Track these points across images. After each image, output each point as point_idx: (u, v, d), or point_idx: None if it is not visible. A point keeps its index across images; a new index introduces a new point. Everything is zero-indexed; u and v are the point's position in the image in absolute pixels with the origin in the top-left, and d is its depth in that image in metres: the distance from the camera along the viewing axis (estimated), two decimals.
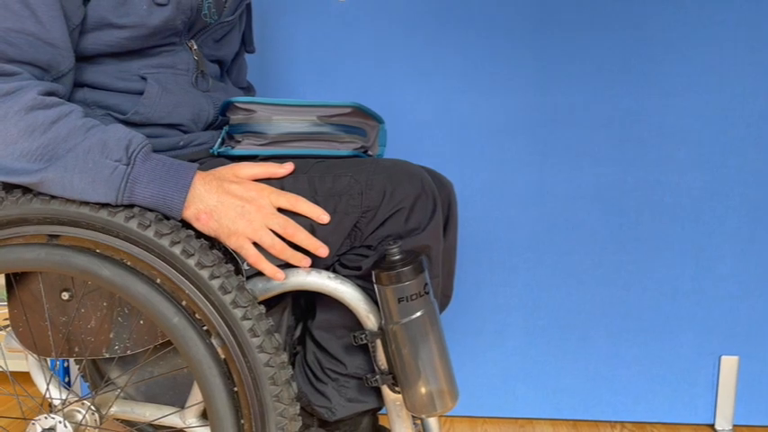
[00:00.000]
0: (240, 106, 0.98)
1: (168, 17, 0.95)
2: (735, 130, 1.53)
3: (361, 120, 1.00)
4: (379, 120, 1.03)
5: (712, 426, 1.61)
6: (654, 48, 1.52)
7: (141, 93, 0.96)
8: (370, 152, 1.00)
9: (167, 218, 0.85)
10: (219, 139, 1.00)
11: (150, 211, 0.85)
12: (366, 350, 0.96)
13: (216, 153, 0.99)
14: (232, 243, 0.86)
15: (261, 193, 0.87)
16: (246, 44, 1.25)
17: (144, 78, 0.97)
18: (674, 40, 1.51)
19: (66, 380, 1.60)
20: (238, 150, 0.98)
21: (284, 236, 0.87)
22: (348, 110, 0.98)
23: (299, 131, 0.97)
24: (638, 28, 1.51)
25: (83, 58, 0.93)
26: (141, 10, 0.92)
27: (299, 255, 0.88)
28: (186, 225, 0.87)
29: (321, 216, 0.88)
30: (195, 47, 1.02)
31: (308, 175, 0.91)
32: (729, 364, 1.59)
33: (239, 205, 0.85)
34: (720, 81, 1.51)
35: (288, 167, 0.91)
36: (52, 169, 0.82)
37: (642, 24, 1.51)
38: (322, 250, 0.88)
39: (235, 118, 0.99)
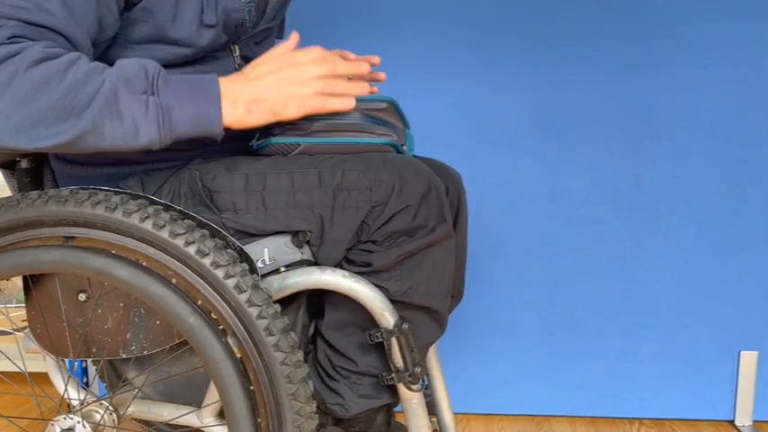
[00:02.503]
0: None
1: (215, 37, 0.95)
2: (751, 122, 1.52)
3: (392, 119, 1.00)
4: (406, 124, 1.02)
5: (732, 422, 1.60)
6: (667, 41, 1.51)
7: None
8: (404, 147, 1.00)
9: (184, 216, 0.85)
10: (257, 134, 0.98)
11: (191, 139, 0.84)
12: (377, 347, 0.96)
13: (255, 148, 0.97)
14: (291, 111, 0.87)
15: (284, 58, 0.87)
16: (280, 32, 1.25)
17: None
18: (687, 34, 1.50)
19: (84, 380, 1.61)
20: (279, 139, 0.95)
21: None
22: (383, 105, 0.98)
23: (339, 122, 0.96)
24: (651, 21, 1.50)
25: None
26: (191, 30, 0.92)
27: (353, 84, 0.89)
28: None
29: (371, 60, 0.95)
30: (237, 51, 1.02)
31: (318, 170, 0.90)
32: (749, 359, 1.58)
33: (275, 77, 0.86)
34: (736, 74, 1.50)
35: (294, 38, 0.92)
36: (83, 122, 0.78)
37: (655, 18, 1.50)
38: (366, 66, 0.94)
39: None
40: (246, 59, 1.05)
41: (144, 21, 0.90)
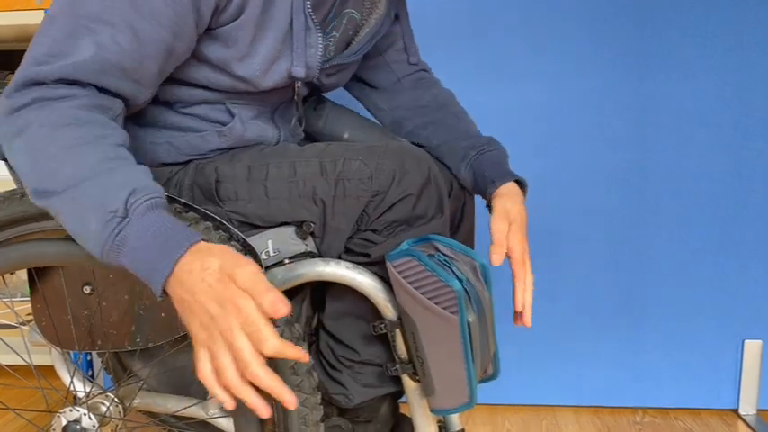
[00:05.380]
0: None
1: (281, 82, 0.94)
2: (755, 111, 1.51)
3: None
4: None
5: (736, 410, 1.60)
6: (672, 30, 1.50)
7: (224, 123, 0.96)
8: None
9: (188, 209, 0.85)
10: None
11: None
12: (378, 337, 0.96)
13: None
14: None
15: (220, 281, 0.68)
16: (409, 56, 1.23)
17: (231, 114, 0.96)
18: (691, 22, 1.49)
19: (90, 373, 1.62)
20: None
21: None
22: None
23: None
24: (655, 11, 1.49)
25: (176, 80, 0.90)
26: (255, 74, 0.90)
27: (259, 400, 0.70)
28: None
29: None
30: (299, 84, 0.98)
31: (320, 159, 0.90)
32: (753, 348, 1.58)
33: (211, 312, 0.68)
34: (740, 62, 1.49)
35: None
36: (54, 200, 0.73)
37: (659, 7, 1.49)
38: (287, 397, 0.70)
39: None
40: (311, 86, 1.03)
41: (220, 46, 0.88)
